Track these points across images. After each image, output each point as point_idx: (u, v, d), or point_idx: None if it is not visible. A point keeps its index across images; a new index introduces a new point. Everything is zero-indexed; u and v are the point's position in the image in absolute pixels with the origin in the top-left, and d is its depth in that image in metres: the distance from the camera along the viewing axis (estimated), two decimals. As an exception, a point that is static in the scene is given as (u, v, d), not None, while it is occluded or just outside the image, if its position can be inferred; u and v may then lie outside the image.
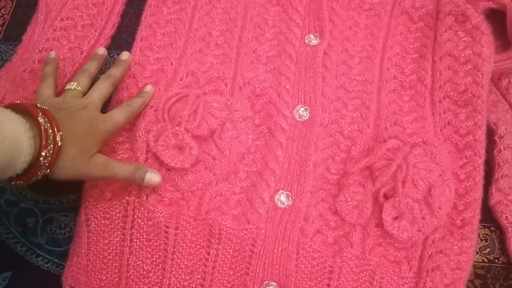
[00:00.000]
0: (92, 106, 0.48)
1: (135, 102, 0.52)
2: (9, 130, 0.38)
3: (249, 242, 0.49)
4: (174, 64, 0.57)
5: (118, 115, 0.49)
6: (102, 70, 0.60)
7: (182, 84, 0.56)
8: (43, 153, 0.40)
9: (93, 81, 0.53)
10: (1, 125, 0.37)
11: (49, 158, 0.41)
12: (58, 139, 0.41)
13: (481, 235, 0.53)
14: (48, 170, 0.42)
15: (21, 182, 0.41)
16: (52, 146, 0.41)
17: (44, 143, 0.40)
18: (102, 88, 0.51)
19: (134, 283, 0.48)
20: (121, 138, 0.53)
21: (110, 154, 0.52)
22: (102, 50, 0.56)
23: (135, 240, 0.49)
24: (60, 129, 0.42)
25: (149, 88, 0.54)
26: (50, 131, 0.41)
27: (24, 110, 0.41)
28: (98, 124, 0.47)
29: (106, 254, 0.49)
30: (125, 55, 0.56)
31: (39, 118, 0.40)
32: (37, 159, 0.40)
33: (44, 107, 0.43)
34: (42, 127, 0.40)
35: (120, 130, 0.52)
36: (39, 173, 0.41)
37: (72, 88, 0.50)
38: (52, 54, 0.55)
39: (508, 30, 0.59)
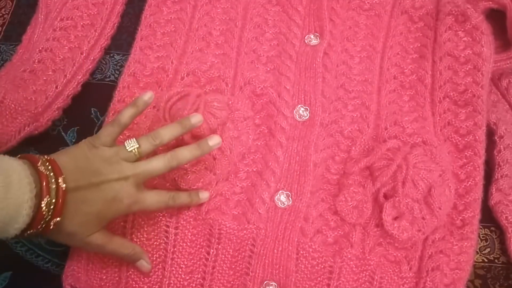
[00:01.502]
0: (133, 179, 0.43)
1: (180, 197, 0.48)
2: (14, 195, 0.37)
3: (249, 242, 0.49)
4: (174, 63, 0.57)
5: (152, 201, 0.45)
6: (102, 71, 0.60)
7: (183, 84, 0.56)
8: (43, 203, 0.38)
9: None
10: (10, 187, 0.36)
11: (53, 206, 0.39)
12: (61, 183, 0.39)
13: (481, 235, 0.53)
14: (58, 219, 0.40)
15: (32, 231, 0.39)
16: (54, 193, 0.39)
17: (45, 190, 0.38)
18: (155, 170, 0.45)
19: (134, 282, 0.48)
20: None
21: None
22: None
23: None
24: (63, 174, 0.40)
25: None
26: (53, 180, 0.39)
27: (26, 159, 0.40)
28: (122, 201, 0.43)
29: (106, 254, 0.49)
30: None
31: (39, 165, 0.39)
32: (38, 208, 0.38)
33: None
34: (43, 174, 0.39)
35: None
36: (44, 222, 0.39)
37: (132, 151, 0.44)
38: (148, 95, 0.46)
39: (508, 30, 0.59)
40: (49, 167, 0.40)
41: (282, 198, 0.51)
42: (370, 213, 0.50)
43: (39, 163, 0.39)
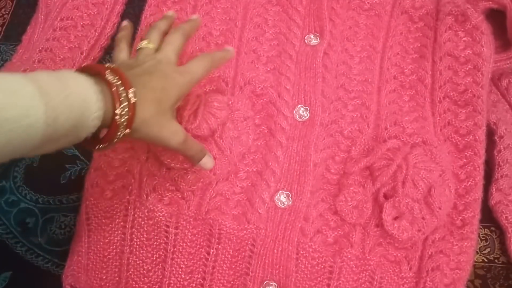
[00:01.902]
0: (166, 59, 0.45)
1: (216, 54, 0.49)
2: (72, 86, 0.35)
3: (249, 242, 0.49)
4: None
5: (196, 66, 0.46)
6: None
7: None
8: (117, 111, 0.37)
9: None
10: (64, 81, 0.35)
11: (126, 116, 0.38)
12: (131, 95, 0.38)
13: (481, 235, 0.53)
14: (128, 130, 0.39)
15: (104, 145, 0.39)
16: (126, 103, 0.38)
17: (116, 99, 0.37)
18: (174, 40, 0.47)
19: (134, 282, 0.48)
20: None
21: (111, 153, 0.52)
22: (171, 12, 0.52)
23: (135, 239, 0.49)
24: (132, 86, 0.39)
25: (195, 16, 0.52)
26: (122, 88, 0.38)
27: (90, 70, 0.39)
28: (174, 78, 0.43)
29: (106, 253, 0.49)
30: (194, 16, 0.53)
31: (107, 76, 0.38)
32: (113, 118, 0.37)
33: (113, 65, 0.40)
34: (112, 84, 0.37)
35: None
36: (118, 133, 0.38)
37: (143, 46, 0.46)
38: (125, 22, 0.52)
39: (508, 30, 0.59)
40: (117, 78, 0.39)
41: (282, 198, 0.51)
42: (370, 213, 0.50)
43: (99, 66, 0.39)
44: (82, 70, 0.39)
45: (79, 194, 0.53)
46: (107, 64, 0.40)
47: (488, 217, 0.53)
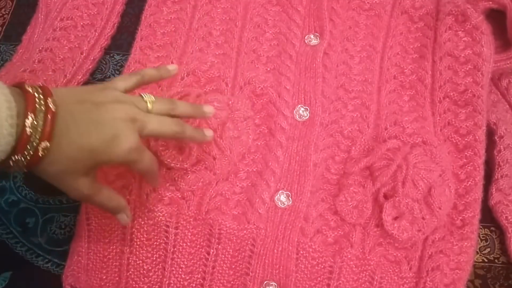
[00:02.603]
0: (139, 125, 0.40)
1: (146, 72, 0.46)
2: None
3: (249, 242, 0.49)
4: (174, 63, 0.57)
5: (148, 159, 0.42)
6: (102, 71, 0.60)
7: (183, 84, 0.56)
8: (13, 158, 0.34)
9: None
10: None
11: (23, 163, 0.34)
12: (40, 149, 0.34)
13: (481, 235, 0.53)
14: (48, 144, 0.34)
15: (19, 158, 0.34)
16: (31, 153, 0.34)
17: (19, 148, 0.33)
18: (127, 77, 0.44)
19: (134, 282, 0.48)
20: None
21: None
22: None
23: (135, 240, 0.49)
24: (51, 140, 0.35)
25: (172, 67, 0.49)
26: (36, 137, 0.34)
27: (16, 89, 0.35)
28: (122, 144, 0.38)
29: (106, 253, 0.49)
30: (172, 66, 0.50)
31: (27, 121, 0.34)
32: (8, 158, 0.34)
33: (51, 105, 0.35)
34: (25, 132, 0.33)
35: None
36: (10, 170, 0.35)
37: (144, 99, 0.43)
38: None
39: (508, 30, 0.59)
40: (38, 89, 0.36)
41: (282, 198, 0.51)
42: (370, 213, 0.50)
43: (27, 85, 0.35)
44: (19, 86, 0.36)
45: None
46: (52, 92, 0.36)
47: (488, 217, 0.53)
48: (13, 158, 0.34)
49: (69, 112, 0.36)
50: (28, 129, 0.33)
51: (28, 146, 0.34)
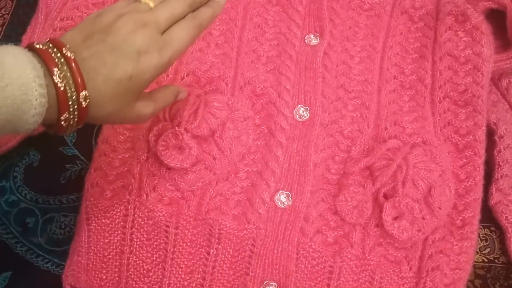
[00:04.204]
0: (153, 25, 0.36)
1: (203, 14, 0.40)
2: (13, 75, 0.30)
3: (249, 242, 0.49)
4: (174, 63, 0.57)
5: (181, 34, 0.38)
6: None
7: (183, 84, 0.56)
8: (62, 117, 0.33)
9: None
10: (4, 68, 0.30)
11: (75, 119, 0.34)
12: (82, 99, 0.33)
13: (481, 235, 0.53)
14: (86, 93, 0.33)
15: (68, 116, 0.34)
16: (75, 107, 0.33)
17: (62, 106, 0.33)
18: (176, 9, 0.39)
19: (134, 282, 0.48)
20: (122, 137, 0.53)
21: (111, 153, 0.52)
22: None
23: (135, 240, 0.49)
24: (86, 87, 0.33)
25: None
26: (72, 90, 0.33)
27: (37, 52, 0.34)
28: (149, 58, 0.36)
29: (106, 253, 0.49)
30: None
31: (55, 77, 0.32)
32: (58, 121, 0.33)
33: (68, 53, 0.34)
34: (59, 88, 0.32)
35: (121, 129, 0.52)
36: (67, 131, 0.35)
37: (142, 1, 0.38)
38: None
39: (508, 30, 0.59)
40: (49, 44, 0.34)
41: (282, 198, 0.51)
42: (370, 213, 0.50)
43: (36, 43, 0.34)
44: (30, 48, 0.34)
45: (79, 194, 0.53)
46: (62, 41, 0.34)
47: (488, 217, 0.53)
48: (62, 118, 0.33)
49: (86, 52, 0.35)
50: (60, 85, 0.32)
51: (69, 101, 0.33)
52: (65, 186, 0.54)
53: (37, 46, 0.34)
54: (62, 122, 0.34)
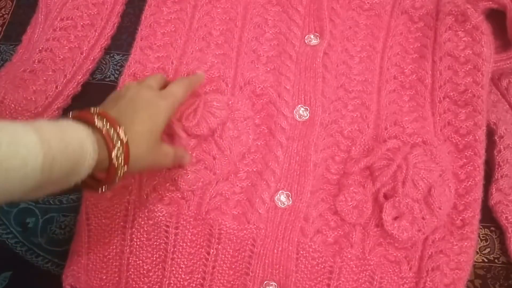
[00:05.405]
0: (146, 86, 0.47)
1: (191, 78, 0.52)
2: (72, 136, 0.36)
3: (249, 242, 0.49)
4: (175, 63, 0.57)
5: (177, 88, 0.48)
6: (102, 71, 0.61)
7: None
8: (113, 155, 0.39)
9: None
10: (63, 130, 0.36)
11: (122, 156, 0.39)
12: (122, 135, 0.40)
13: (481, 235, 0.53)
14: (126, 167, 0.40)
15: (107, 186, 0.41)
16: (119, 145, 0.39)
17: (110, 143, 0.39)
18: (158, 79, 0.51)
19: (134, 282, 0.48)
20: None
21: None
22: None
23: (135, 240, 0.49)
24: (121, 124, 0.40)
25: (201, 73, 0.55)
26: (112, 130, 0.39)
27: (81, 118, 0.40)
28: (158, 103, 0.45)
29: (106, 253, 0.49)
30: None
31: (97, 123, 0.39)
32: (110, 161, 0.39)
33: (98, 109, 0.41)
34: (104, 130, 0.39)
35: None
36: (118, 172, 0.40)
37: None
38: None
39: (508, 30, 0.59)
40: (106, 123, 0.40)
41: (282, 198, 0.51)
42: (370, 213, 0.50)
43: (96, 119, 0.40)
44: (74, 118, 0.40)
45: (79, 194, 0.53)
46: (92, 109, 0.41)
47: (488, 217, 0.53)
48: (103, 187, 0.40)
49: (128, 129, 0.41)
50: (114, 161, 0.39)
51: (118, 174, 0.40)
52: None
53: (98, 126, 0.39)
54: (113, 160, 0.39)
